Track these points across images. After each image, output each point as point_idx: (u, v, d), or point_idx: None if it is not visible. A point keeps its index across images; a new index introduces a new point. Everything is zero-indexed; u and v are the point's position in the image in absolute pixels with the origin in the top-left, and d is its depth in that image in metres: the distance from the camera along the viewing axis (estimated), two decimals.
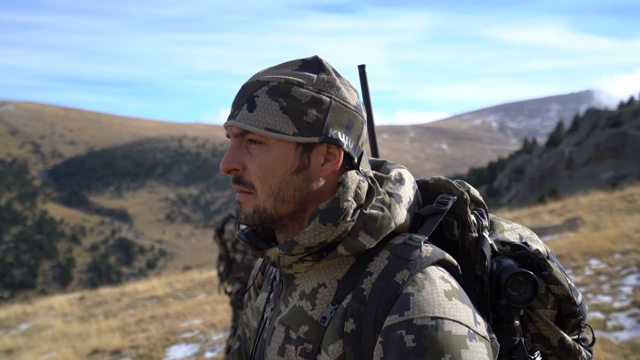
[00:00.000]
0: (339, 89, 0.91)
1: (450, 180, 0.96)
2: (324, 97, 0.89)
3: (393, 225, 0.87)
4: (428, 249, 0.86)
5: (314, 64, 0.92)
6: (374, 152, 1.20)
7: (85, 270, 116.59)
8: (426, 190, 0.98)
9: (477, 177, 64.86)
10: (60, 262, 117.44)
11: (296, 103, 0.87)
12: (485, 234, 0.93)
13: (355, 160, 0.93)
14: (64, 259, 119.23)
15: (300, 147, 0.89)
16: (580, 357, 0.98)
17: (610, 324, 4.86)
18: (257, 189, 0.90)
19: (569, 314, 0.97)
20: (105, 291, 13.24)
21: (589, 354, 1.00)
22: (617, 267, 6.42)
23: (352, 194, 0.87)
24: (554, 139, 54.48)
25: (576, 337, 1.00)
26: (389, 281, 0.82)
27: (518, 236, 1.00)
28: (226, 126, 0.93)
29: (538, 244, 1.00)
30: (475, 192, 0.98)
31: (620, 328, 4.76)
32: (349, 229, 0.87)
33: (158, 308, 9.67)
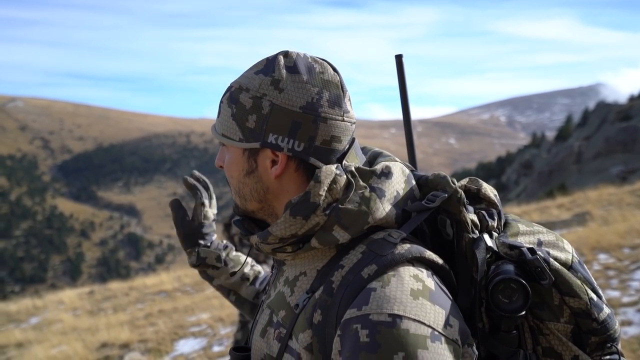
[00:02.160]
0: (282, 90, 0.88)
1: (447, 177, 0.92)
2: (263, 102, 0.89)
3: (370, 220, 0.86)
4: (404, 246, 0.84)
5: (270, 64, 0.91)
6: (409, 142, 1.15)
7: (95, 265, 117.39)
8: (426, 186, 0.96)
9: (486, 171, 64.54)
10: (70, 257, 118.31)
11: (242, 109, 0.90)
12: (486, 236, 0.89)
13: (314, 161, 0.90)
14: (74, 254, 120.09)
15: (247, 152, 0.92)
16: None
17: (619, 319, 4.83)
18: (230, 185, 0.99)
19: (588, 331, 0.89)
20: (114, 285, 13.32)
21: None
22: (626, 261, 6.38)
23: (324, 188, 0.86)
24: (563, 133, 54.07)
25: (599, 358, 0.90)
26: (356, 275, 0.82)
27: (537, 241, 0.93)
28: None
29: (562, 252, 0.92)
30: (489, 190, 0.94)
31: (629, 323, 4.73)
32: (321, 223, 0.87)
33: (166, 302, 9.72)
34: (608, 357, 0.91)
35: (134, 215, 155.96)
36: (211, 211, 1.33)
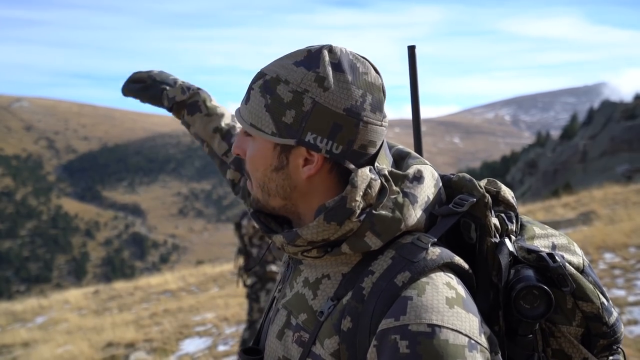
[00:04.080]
0: (327, 89, 0.85)
1: (474, 180, 0.90)
2: (305, 99, 0.84)
3: (403, 227, 0.84)
4: (435, 251, 0.83)
5: (314, 57, 0.86)
6: (417, 138, 1.14)
7: (100, 265, 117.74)
8: (449, 187, 0.94)
9: (490, 171, 64.40)
10: (75, 257, 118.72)
11: (278, 102, 0.85)
12: (507, 241, 0.88)
13: (348, 164, 0.87)
14: (79, 254, 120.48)
15: (279, 147, 0.87)
16: None
17: (624, 318, 4.82)
18: (251, 178, 0.93)
19: (598, 334, 0.90)
20: (119, 285, 13.37)
21: None
22: (632, 260, 6.36)
23: (360, 193, 0.83)
24: (568, 132, 53.86)
25: (605, 359, 0.93)
26: (389, 282, 0.80)
27: (551, 244, 0.93)
28: None
29: (574, 255, 0.92)
30: (507, 193, 0.93)
31: (635, 322, 4.72)
32: (355, 229, 0.84)
33: (171, 302, 9.75)
34: (613, 357, 0.93)
35: (138, 215, 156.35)
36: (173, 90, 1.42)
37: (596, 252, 6.89)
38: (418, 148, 1.13)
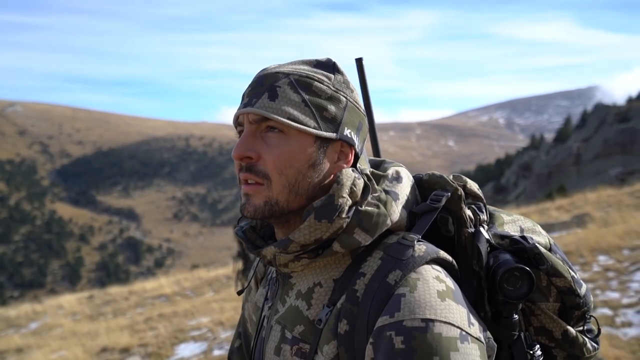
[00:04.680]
0: (352, 91, 0.93)
1: (444, 176, 0.95)
2: (341, 96, 0.90)
3: (389, 222, 0.87)
4: (421, 248, 0.85)
5: (329, 65, 0.93)
6: (375, 149, 1.19)
7: (94, 269, 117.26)
8: (421, 187, 0.98)
9: (484, 173, 64.59)
10: (69, 262, 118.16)
11: (317, 98, 0.88)
12: (482, 229, 0.92)
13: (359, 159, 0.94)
14: (73, 258, 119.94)
15: (319, 141, 0.89)
16: (585, 349, 0.97)
17: (618, 320, 4.83)
18: (272, 179, 0.88)
19: (573, 306, 0.95)
20: (114, 290, 13.31)
21: (594, 345, 0.99)
22: (626, 263, 6.38)
23: (346, 190, 0.86)
24: (562, 135, 54.12)
25: (581, 328, 0.98)
26: (382, 282, 0.82)
27: (519, 229, 0.99)
28: (240, 114, 0.91)
29: (540, 236, 0.98)
30: (473, 185, 0.97)
31: (629, 324, 4.73)
32: (344, 225, 0.86)
33: (166, 306, 9.72)
34: (587, 327, 0.99)
35: (133, 219, 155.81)
36: None
37: (590, 255, 6.91)
38: (375, 149, 1.18)
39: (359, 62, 1.15)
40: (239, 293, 1.15)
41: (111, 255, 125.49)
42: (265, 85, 0.88)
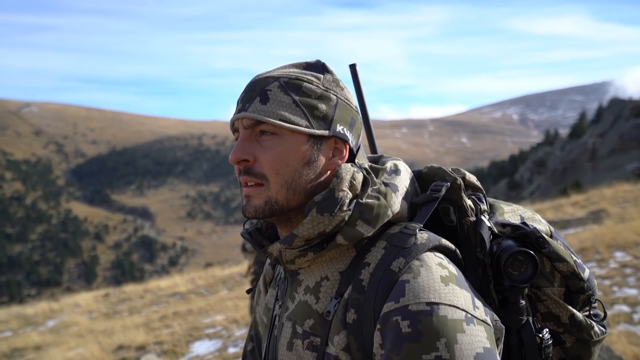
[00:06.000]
0: (343, 89, 0.96)
1: (443, 167, 0.98)
2: (331, 95, 0.93)
3: (390, 213, 0.89)
4: (423, 236, 0.87)
5: (318, 66, 0.96)
6: (372, 149, 1.24)
7: (109, 268, 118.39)
8: (421, 179, 1.01)
9: (498, 170, 64.09)
10: (85, 260, 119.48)
11: (307, 98, 0.91)
12: (484, 218, 0.94)
13: (355, 155, 0.97)
14: (88, 257, 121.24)
15: (312, 140, 0.92)
16: (592, 332, 0.98)
17: (636, 316, 4.78)
18: (269, 179, 0.91)
19: (577, 290, 0.97)
20: (129, 288, 13.43)
21: (602, 328, 1.00)
22: None
23: (346, 184, 0.89)
24: (577, 130, 53.52)
25: (587, 313, 0.99)
26: (386, 269, 0.84)
27: (519, 217, 1.02)
28: (234, 120, 0.94)
29: (540, 224, 1.01)
30: (472, 177, 0.99)
31: None
32: (346, 218, 0.88)
33: (181, 304, 9.78)
34: (593, 311, 1.01)
35: (147, 218, 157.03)
36: None
37: (607, 251, 6.83)
38: (372, 148, 1.24)
39: (352, 68, 1.20)
40: (248, 292, 1.16)
41: (126, 254, 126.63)
42: (257, 90, 0.91)
